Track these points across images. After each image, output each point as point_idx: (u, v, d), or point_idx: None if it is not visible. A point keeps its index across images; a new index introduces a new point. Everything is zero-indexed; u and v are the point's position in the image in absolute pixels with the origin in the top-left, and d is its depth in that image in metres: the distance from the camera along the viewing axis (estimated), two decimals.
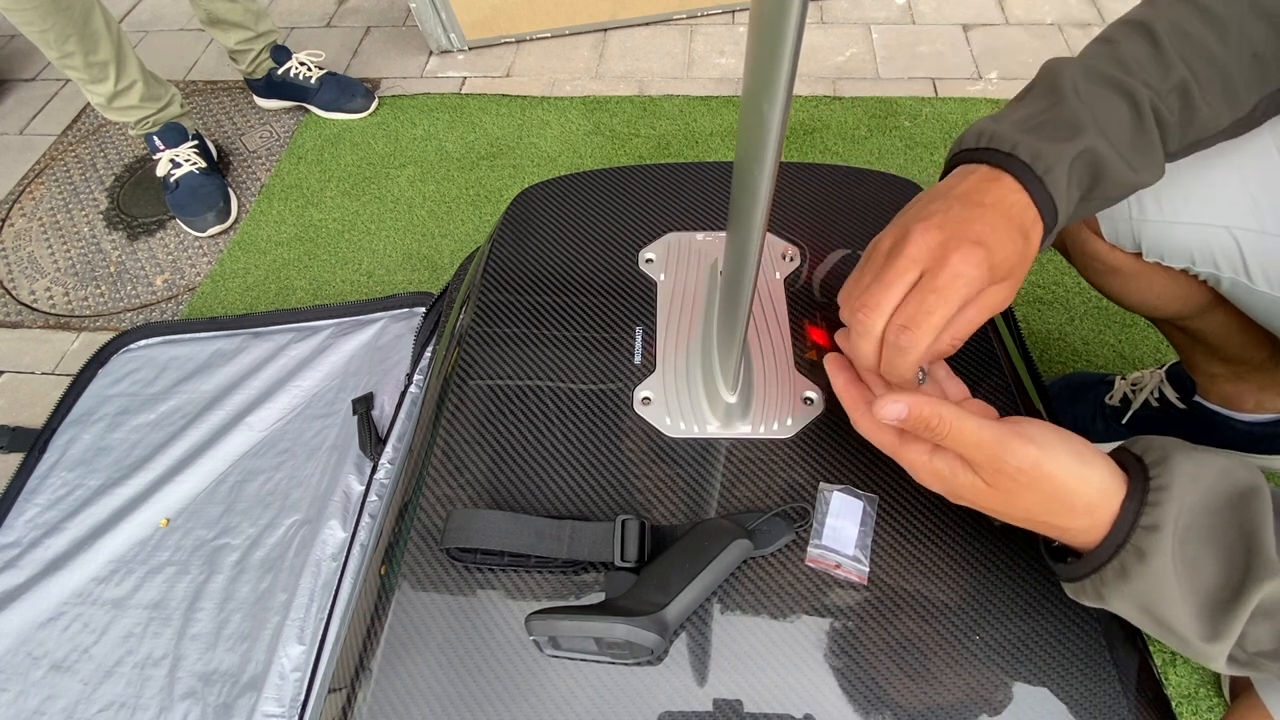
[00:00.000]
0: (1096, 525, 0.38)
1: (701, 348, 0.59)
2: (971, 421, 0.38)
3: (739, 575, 0.49)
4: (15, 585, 0.84)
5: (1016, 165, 0.43)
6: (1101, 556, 0.37)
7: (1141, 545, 0.36)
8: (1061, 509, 0.38)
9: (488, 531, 0.49)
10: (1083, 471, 0.38)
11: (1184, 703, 0.81)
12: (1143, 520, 0.36)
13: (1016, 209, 0.42)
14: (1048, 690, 0.44)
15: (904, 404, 0.39)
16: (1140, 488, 0.37)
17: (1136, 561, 0.36)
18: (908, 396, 0.39)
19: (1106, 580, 0.37)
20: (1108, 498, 0.37)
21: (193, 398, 0.99)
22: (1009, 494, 0.39)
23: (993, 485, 0.39)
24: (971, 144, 0.45)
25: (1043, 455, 0.37)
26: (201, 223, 1.38)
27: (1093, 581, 0.38)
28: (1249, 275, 0.56)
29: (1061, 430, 0.40)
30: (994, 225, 0.41)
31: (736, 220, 0.41)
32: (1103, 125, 0.44)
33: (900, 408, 0.39)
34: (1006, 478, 0.38)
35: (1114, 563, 0.37)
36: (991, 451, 0.38)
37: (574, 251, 0.69)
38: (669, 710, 0.45)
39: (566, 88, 1.58)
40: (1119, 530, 0.37)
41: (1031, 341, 1.11)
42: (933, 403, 0.39)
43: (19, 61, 1.83)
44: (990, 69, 1.51)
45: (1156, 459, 0.38)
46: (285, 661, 0.73)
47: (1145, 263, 0.61)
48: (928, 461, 0.41)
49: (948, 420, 0.38)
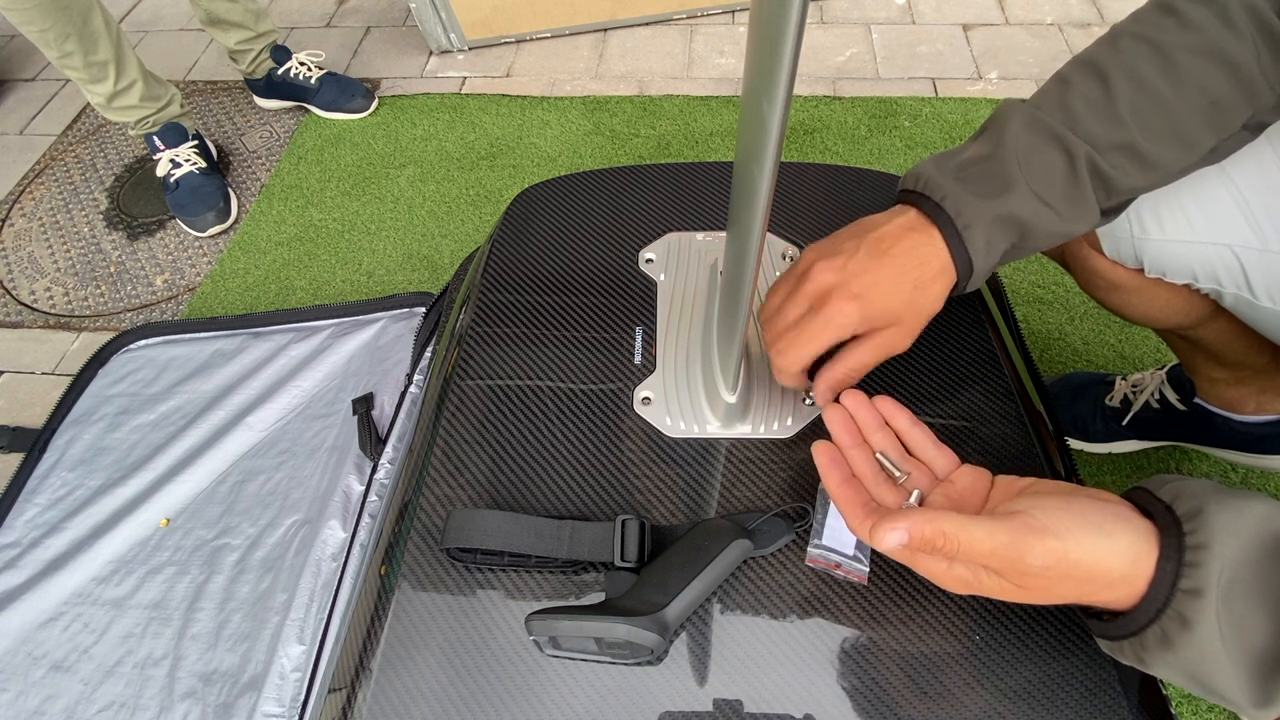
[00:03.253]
0: (1134, 590, 0.35)
1: (701, 348, 0.59)
2: (980, 530, 0.35)
3: (739, 575, 0.49)
4: (15, 585, 0.84)
5: (941, 217, 0.46)
6: (1140, 621, 0.35)
7: (1184, 611, 0.33)
8: (1099, 588, 0.36)
9: (488, 531, 0.49)
10: (1109, 545, 0.35)
11: (1184, 703, 0.81)
12: (1183, 584, 0.33)
13: (917, 262, 0.46)
14: (1048, 690, 0.44)
15: (903, 529, 0.36)
16: (1175, 544, 0.34)
17: (1180, 629, 0.33)
18: (905, 519, 0.37)
19: (1148, 646, 0.35)
20: (1140, 563, 0.35)
21: (193, 398, 0.99)
22: (1042, 590, 0.36)
23: (1023, 585, 0.36)
24: (910, 185, 0.48)
25: (1064, 545, 0.35)
26: (201, 223, 1.38)
27: (1132, 645, 0.36)
28: (1252, 291, 0.56)
29: (1070, 498, 0.37)
30: (881, 279, 0.46)
31: (736, 220, 0.41)
32: (1034, 180, 0.45)
33: (900, 534, 0.37)
34: (1034, 577, 0.35)
35: (1154, 629, 0.34)
36: (1009, 556, 0.35)
37: (574, 251, 0.69)
38: (669, 710, 0.44)
39: (566, 88, 1.58)
40: (1156, 594, 0.34)
41: (1031, 341, 1.11)
42: (933, 520, 0.36)
43: (19, 61, 1.83)
44: (990, 69, 1.51)
45: (1190, 510, 0.35)
46: (285, 661, 0.73)
47: (1147, 278, 0.61)
48: (946, 570, 0.38)
49: (953, 536, 0.36)
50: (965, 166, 0.47)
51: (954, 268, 0.46)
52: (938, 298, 0.47)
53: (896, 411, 0.47)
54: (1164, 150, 0.46)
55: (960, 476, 0.44)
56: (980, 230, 0.45)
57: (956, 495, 0.43)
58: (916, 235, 0.46)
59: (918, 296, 0.46)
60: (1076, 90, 0.46)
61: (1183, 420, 0.90)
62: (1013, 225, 0.45)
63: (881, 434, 0.47)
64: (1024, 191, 0.45)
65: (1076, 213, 0.46)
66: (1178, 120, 0.45)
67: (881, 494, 0.44)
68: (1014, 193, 0.45)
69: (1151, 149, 0.45)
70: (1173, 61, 0.45)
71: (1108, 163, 0.45)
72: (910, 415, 0.47)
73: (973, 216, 0.45)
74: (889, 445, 0.46)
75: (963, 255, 0.45)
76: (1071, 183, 0.45)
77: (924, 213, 0.47)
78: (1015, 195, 0.45)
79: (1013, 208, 0.45)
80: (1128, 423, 0.94)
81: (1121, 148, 0.45)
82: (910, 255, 0.46)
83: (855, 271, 0.46)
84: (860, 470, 0.45)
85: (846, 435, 0.47)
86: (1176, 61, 0.45)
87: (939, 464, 0.45)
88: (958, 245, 0.45)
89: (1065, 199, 0.46)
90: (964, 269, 0.46)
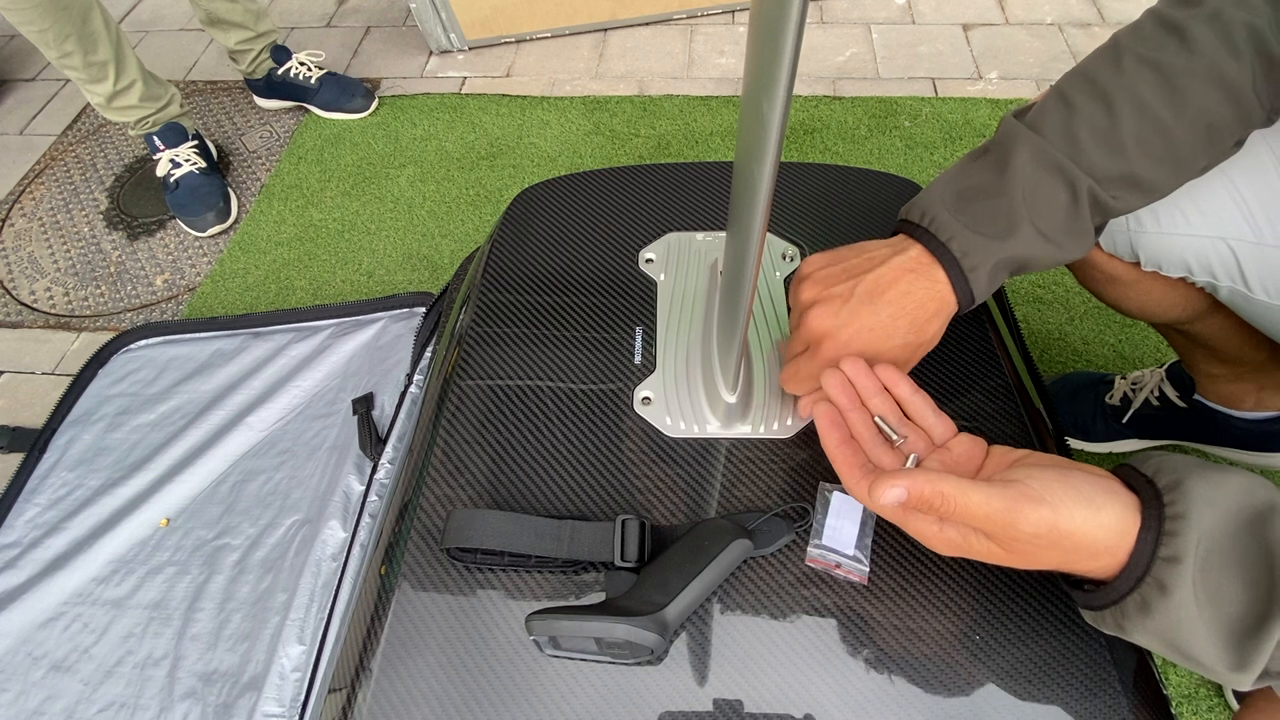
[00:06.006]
0: (1116, 561, 0.37)
1: (701, 348, 0.59)
2: (977, 494, 0.37)
3: (739, 575, 0.49)
4: (15, 585, 0.84)
5: (947, 258, 0.47)
6: (1121, 589, 0.36)
7: (1162, 578, 0.34)
8: (1083, 557, 0.37)
9: (488, 531, 0.49)
10: (1097, 518, 0.36)
11: (1184, 703, 0.81)
12: (1162, 552, 0.35)
13: (914, 305, 0.47)
14: (1047, 690, 0.44)
15: (902, 487, 0.38)
16: (1155, 515, 0.36)
17: (1159, 595, 0.35)
18: (905, 477, 0.38)
19: (1128, 613, 0.36)
20: (1125, 535, 0.36)
21: (193, 398, 0.99)
22: (1028, 556, 0.38)
23: (1010, 550, 0.38)
24: (915, 219, 0.49)
25: (1056, 515, 0.36)
26: (201, 223, 1.38)
27: (1113, 613, 0.37)
28: (1247, 284, 0.56)
29: (1064, 471, 0.38)
30: (875, 325, 0.47)
31: (736, 220, 0.41)
32: (1038, 217, 0.46)
33: (899, 491, 0.38)
34: (1023, 543, 0.37)
35: (1135, 596, 0.36)
36: (1003, 520, 0.36)
37: (574, 251, 0.69)
38: (669, 710, 0.44)
39: (566, 88, 1.58)
40: (1137, 562, 0.36)
41: (1031, 341, 1.11)
42: (932, 480, 0.37)
43: (19, 61, 1.83)
44: (990, 69, 1.51)
45: (1170, 483, 0.36)
46: (285, 661, 0.73)
47: (1143, 272, 0.62)
48: (938, 532, 0.39)
49: (951, 497, 0.37)
50: (970, 198, 0.47)
51: (954, 303, 0.48)
52: (935, 335, 0.49)
53: (898, 379, 0.48)
54: (1160, 175, 0.47)
55: (957, 444, 0.45)
56: (984, 271, 0.47)
57: (952, 461, 0.44)
58: (914, 277, 0.47)
59: (913, 337, 0.48)
60: (1081, 116, 0.47)
61: (1182, 417, 0.90)
62: (1014, 264, 0.48)
63: (880, 398, 0.47)
64: (1028, 230, 0.46)
65: (1074, 244, 0.48)
66: (1177, 146, 0.46)
67: (879, 456, 0.45)
68: (1019, 234, 0.46)
69: (1149, 176, 0.47)
70: (1176, 88, 0.45)
71: (1107, 193, 0.46)
72: (912, 383, 0.48)
73: (979, 259, 0.46)
74: (887, 410, 0.47)
75: (966, 293, 0.48)
76: (1072, 215, 0.47)
77: (928, 250, 0.48)
78: (1021, 237, 0.46)
79: (1018, 250, 0.46)
80: (1128, 421, 0.94)
81: (1122, 179, 0.46)
82: (907, 299, 0.47)
83: (848, 319, 0.48)
84: (858, 432, 0.46)
85: (845, 398, 0.47)
86: (1180, 88, 0.45)
87: (938, 430, 0.46)
88: (962, 285, 0.47)
89: (1066, 232, 0.47)
90: (965, 301, 0.48)
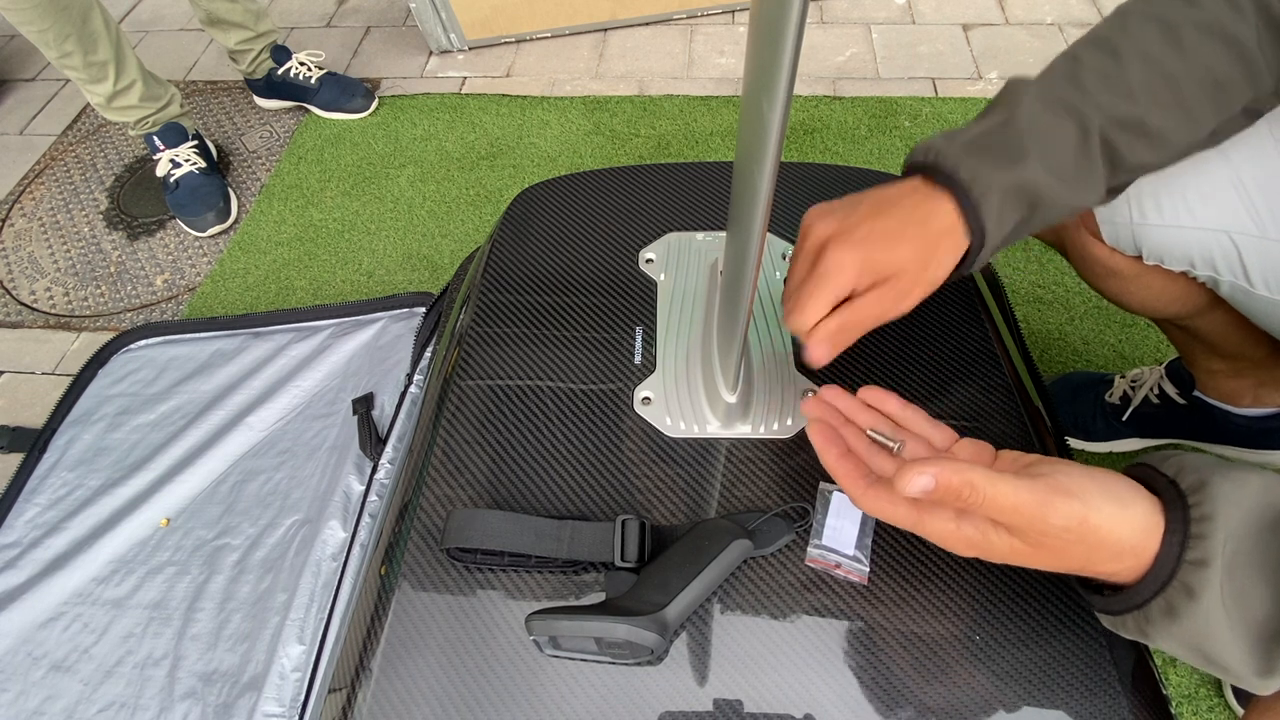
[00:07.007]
0: (1139, 564, 0.36)
1: (701, 348, 0.59)
2: (1006, 484, 0.35)
3: (739, 575, 0.49)
4: (15, 585, 0.84)
5: (956, 186, 0.44)
6: (1145, 593, 0.35)
7: (1190, 582, 0.33)
8: (1108, 556, 0.36)
9: (488, 531, 0.49)
10: (1124, 515, 0.35)
11: (1184, 703, 0.81)
12: (1189, 555, 0.34)
13: (922, 216, 0.45)
14: (1047, 691, 0.44)
15: (930, 475, 0.35)
16: (1180, 518, 0.35)
17: (1185, 600, 0.34)
18: (933, 465, 0.36)
19: (1152, 619, 0.35)
20: (1150, 535, 0.35)
21: (193, 398, 0.99)
22: (1055, 552, 0.36)
23: (1036, 546, 0.36)
24: (920, 159, 0.47)
25: (1086, 509, 0.35)
26: (201, 223, 1.38)
27: (1135, 618, 0.36)
28: (1249, 279, 0.56)
29: (1089, 469, 0.37)
30: (883, 227, 0.44)
31: (736, 220, 0.41)
32: (1045, 152, 0.44)
33: (927, 480, 0.35)
34: (1052, 537, 0.35)
35: (1159, 600, 0.35)
36: (1033, 514, 0.35)
37: (574, 251, 0.69)
38: (669, 710, 0.44)
39: (566, 88, 1.58)
40: (1162, 566, 0.35)
41: (1031, 341, 1.11)
42: (960, 469, 0.35)
43: (19, 61, 1.83)
44: (990, 69, 1.51)
45: (1194, 484, 0.35)
46: (285, 661, 0.73)
47: (1145, 265, 0.61)
48: (955, 530, 0.38)
49: (980, 487, 0.35)
50: (978, 139, 0.46)
51: (965, 233, 0.45)
52: (943, 260, 0.45)
53: (885, 397, 0.47)
54: (1170, 123, 0.46)
55: (961, 449, 0.44)
56: (994, 199, 0.44)
57: None
58: (930, 202, 0.45)
59: (922, 250, 0.44)
60: (1088, 66, 0.46)
61: (1182, 415, 0.90)
62: (1024, 196, 0.45)
63: (866, 414, 0.46)
64: (1037, 160, 0.44)
65: (1085, 186, 0.46)
66: (1184, 94, 0.46)
67: (880, 464, 0.44)
68: (1027, 162, 0.44)
69: (1159, 123, 0.45)
70: (1179, 36, 0.45)
71: (1118, 138, 0.45)
72: (900, 399, 0.47)
73: (987, 185, 0.44)
74: (876, 422, 0.46)
75: (977, 223, 0.44)
76: (1082, 154, 0.45)
77: (935, 182, 0.45)
78: (1028, 165, 0.44)
79: (1026, 177, 0.44)
80: (1127, 418, 0.94)
81: (1131, 123, 0.45)
82: (916, 209, 0.45)
83: (855, 222, 0.45)
84: (854, 445, 0.45)
85: (833, 417, 0.46)
86: (1183, 36, 0.45)
87: (936, 438, 0.45)
88: (973, 213, 0.44)
89: (1075, 170, 0.45)
90: (977, 237, 0.45)
